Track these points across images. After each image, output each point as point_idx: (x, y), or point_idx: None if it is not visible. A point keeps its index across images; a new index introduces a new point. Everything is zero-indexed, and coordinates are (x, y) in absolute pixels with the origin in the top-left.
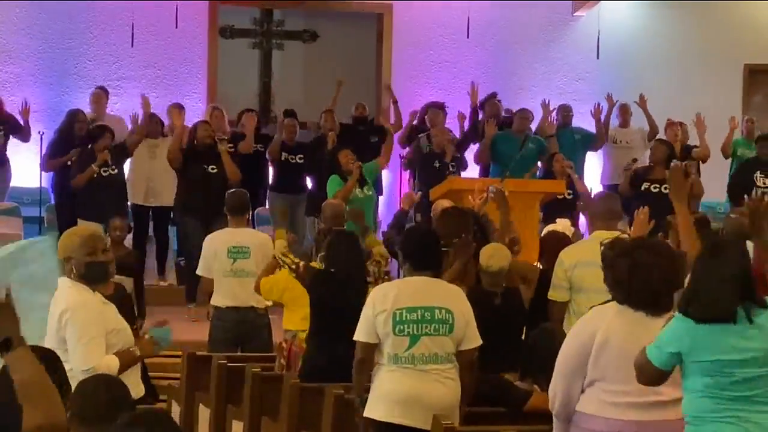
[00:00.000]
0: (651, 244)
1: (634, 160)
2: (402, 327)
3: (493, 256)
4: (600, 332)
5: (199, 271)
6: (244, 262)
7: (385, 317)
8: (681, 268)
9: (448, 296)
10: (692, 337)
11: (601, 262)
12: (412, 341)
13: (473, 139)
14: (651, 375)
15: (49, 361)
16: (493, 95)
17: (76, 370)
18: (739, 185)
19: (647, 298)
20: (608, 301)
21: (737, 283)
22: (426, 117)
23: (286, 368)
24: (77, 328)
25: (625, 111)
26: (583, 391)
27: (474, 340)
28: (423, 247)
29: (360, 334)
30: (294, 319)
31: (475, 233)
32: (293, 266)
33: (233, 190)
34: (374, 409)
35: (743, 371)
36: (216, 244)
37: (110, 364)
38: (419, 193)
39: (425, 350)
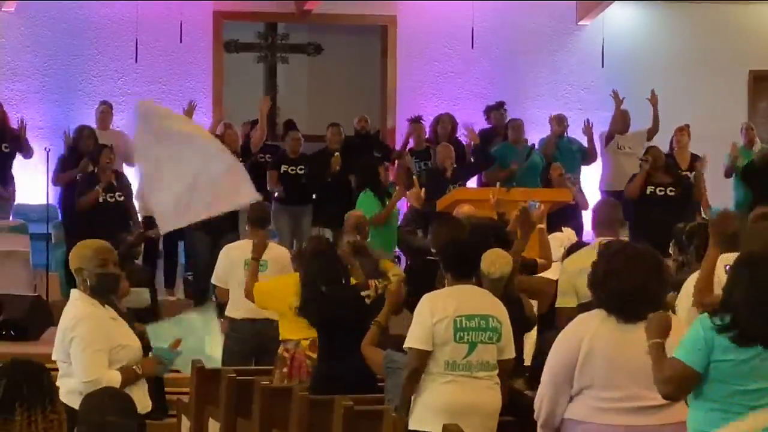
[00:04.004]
0: (631, 249)
1: (646, 160)
2: (462, 334)
3: (495, 262)
4: (585, 341)
5: (213, 280)
6: (260, 275)
7: (446, 324)
8: (662, 277)
9: (495, 306)
10: (720, 342)
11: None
12: (471, 348)
13: (476, 170)
14: (687, 377)
15: (31, 375)
16: (501, 104)
17: (77, 382)
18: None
19: (618, 303)
20: (587, 304)
21: None
22: (437, 130)
23: (288, 377)
24: (81, 340)
25: (624, 117)
26: (570, 399)
27: (512, 351)
28: (464, 257)
29: (415, 342)
30: (294, 328)
31: (491, 245)
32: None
33: (257, 202)
34: (427, 422)
35: (756, 383)
36: (232, 255)
37: (112, 378)
38: (423, 188)
39: (480, 358)
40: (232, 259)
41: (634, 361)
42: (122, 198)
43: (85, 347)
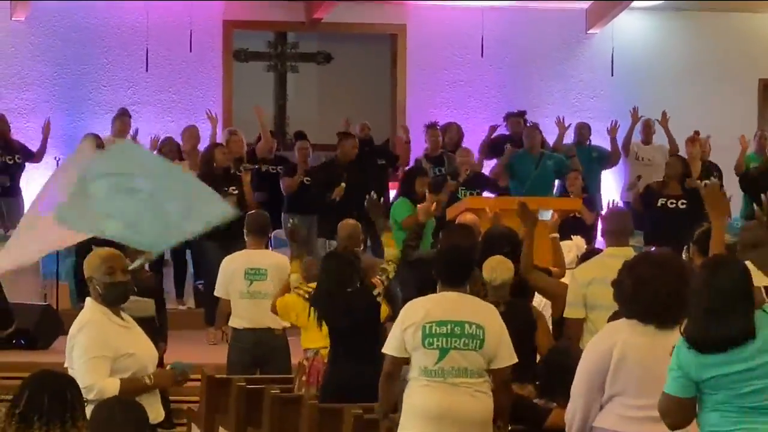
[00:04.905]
0: (655, 257)
1: (638, 178)
2: (431, 340)
3: (496, 269)
4: (617, 348)
5: (216, 292)
6: (260, 284)
7: (413, 330)
8: (688, 279)
9: (480, 312)
10: (694, 359)
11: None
12: (442, 354)
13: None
14: (675, 407)
15: (54, 388)
16: (521, 113)
17: None
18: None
19: (655, 312)
20: (615, 314)
21: (742, 306)
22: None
23: (306, 385)
24: (83, 345)
25: (648, 127)
26: (601, 407)
27: (508, 358)
28: (455, 264)
29: (388, 348)
30: (314, 337)
31: (507, 253)
32: (307, 296)
33: (254, 210)
34: (406, 427)
35: (749, 383)
36: (233, 265)
37: (108, 385)
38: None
39: (454, 364)
40: (232, 270)
41: (665, 368)
42: None
43: (83, 353)
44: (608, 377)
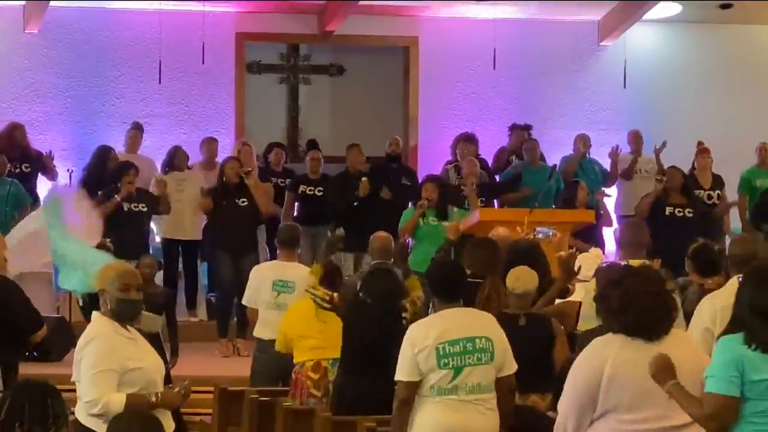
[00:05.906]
0: (639, 271)
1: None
2: (446, 360)
3: (519, 278)
4: (608, 365)
5: (243, 301)
6: (287, 296)
7: (427, 353)
8: (668, 291)
9: (485, 324)
10: (744, 357)
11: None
12: (456, 373)
13: (501, 191)
14: (729, 407)
15: (35, 396)
16: (527, 127)
17: (80, 401)
18: (761, 211)
19: (644, 325)
20: (596, 329)
21: None
22: (458, 151)
23: (292, 397)
24: (90, 359)
25: (637, 139)
26: (591, 423)
27: (512, 365)
28: (448, 279)
29: (402, 374)
30: (300, 351)
31: (540, 263)
32: (326, 298)
33: (287, 223)
34: None
35: None
36: (262, 275)
37: (114, 400)
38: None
39: (469, 381)
40: (260, 280)
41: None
42: (146, 209)
43: (90, 367)
44: (601, 394)
